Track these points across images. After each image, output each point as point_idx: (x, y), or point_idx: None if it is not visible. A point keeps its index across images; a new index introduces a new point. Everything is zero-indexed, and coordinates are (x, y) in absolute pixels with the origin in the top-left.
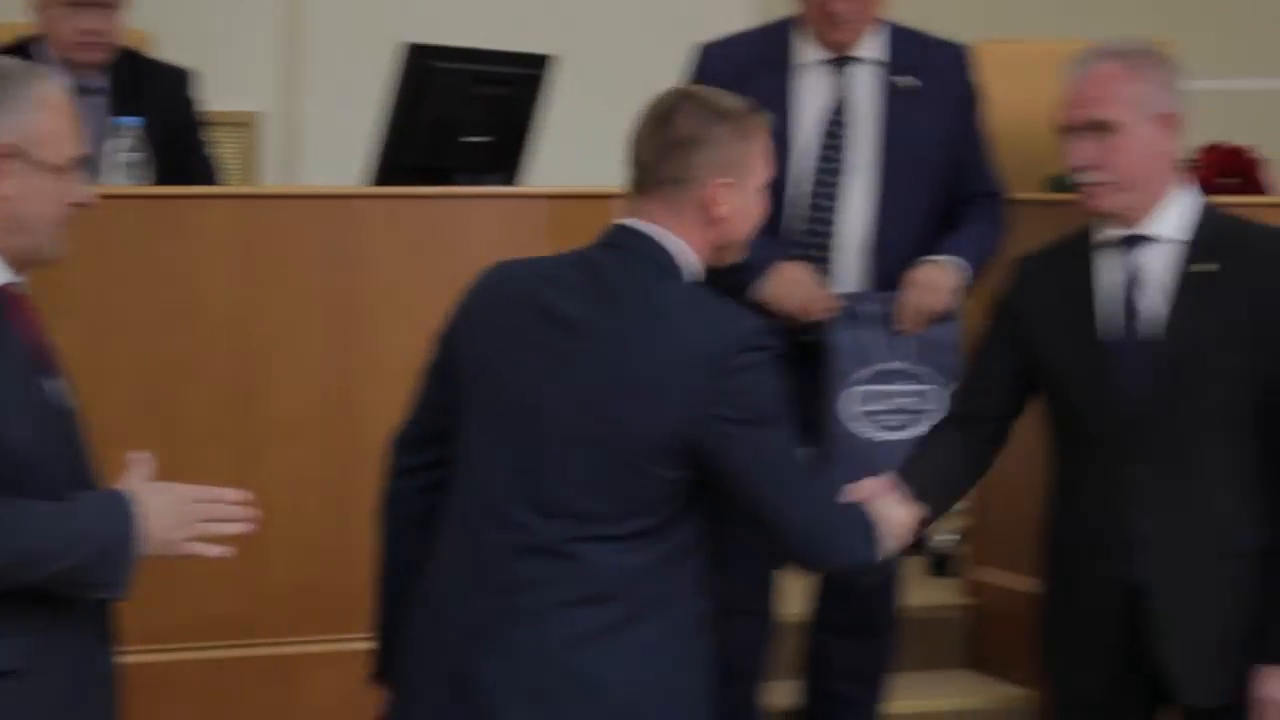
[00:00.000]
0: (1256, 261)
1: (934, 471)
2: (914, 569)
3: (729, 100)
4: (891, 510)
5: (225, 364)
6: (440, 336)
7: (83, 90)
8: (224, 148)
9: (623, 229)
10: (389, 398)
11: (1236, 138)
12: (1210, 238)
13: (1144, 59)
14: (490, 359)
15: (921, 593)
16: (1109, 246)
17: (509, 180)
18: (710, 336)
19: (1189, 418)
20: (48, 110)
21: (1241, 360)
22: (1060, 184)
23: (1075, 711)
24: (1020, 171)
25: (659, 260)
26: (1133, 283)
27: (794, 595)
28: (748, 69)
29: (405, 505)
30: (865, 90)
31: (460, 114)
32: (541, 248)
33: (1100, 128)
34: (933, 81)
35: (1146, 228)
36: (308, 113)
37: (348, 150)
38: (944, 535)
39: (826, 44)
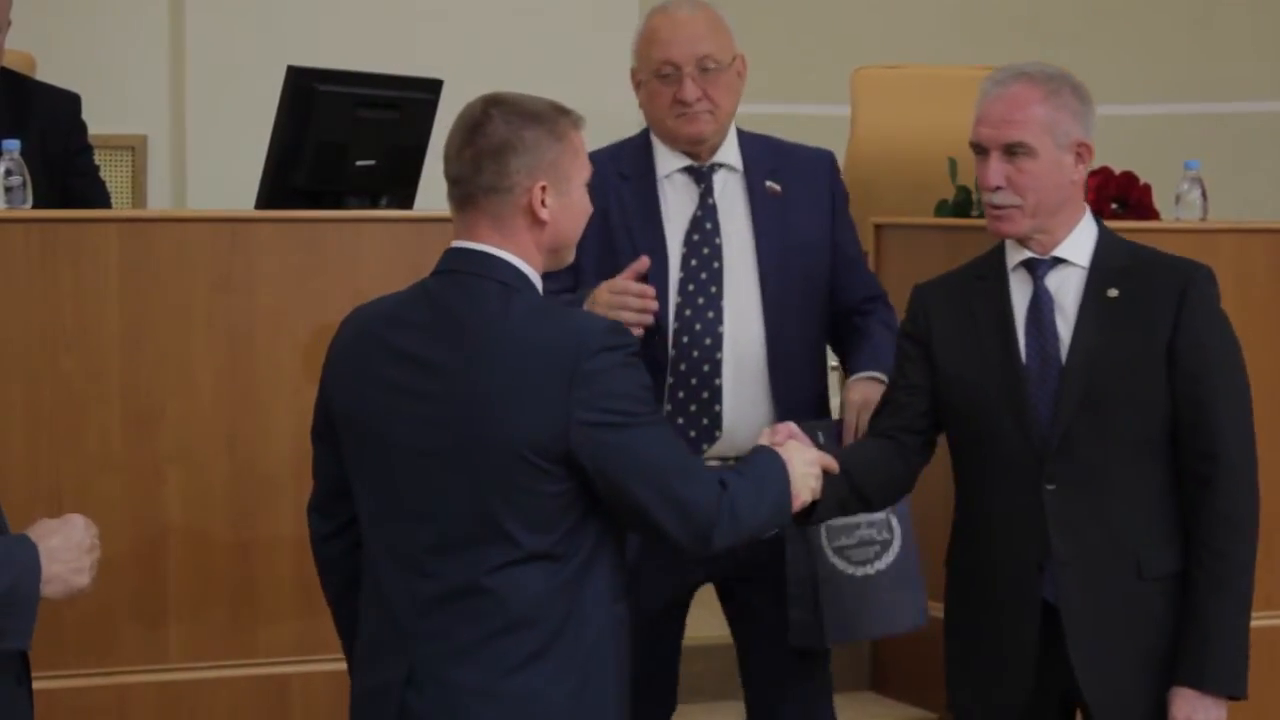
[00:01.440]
0: (1159, 288)
1: (861, 460)
2: None
3: (537, 103)
4: (800, 456)
5: (117, 389)
6: (318, 393)
7: None
8: (111, 171)
9: (455, 252)
10: (281, 421)
11: (1119, 163)
12: (1112, 263)
13: (1062, 85)
14: (354, 409)
15: None
16: (1019, 270)
17: (402, 204)
18: (562, 341)
19: (1100, 441)
20: None
21: (1148, 385)
22: (948, 209)
23: None
24: (910, 197)
25: (499, 278)
26: (1044, 307)
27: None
28: (609, 183)
29: (336, 569)
30: (731, 196)
31: (348, 137)
32: None
33: (1015, 150)
34: (798, 186)
35: (1057, 252)
36: (195, 136)
37: (236, 173)
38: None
39: (683, 144)
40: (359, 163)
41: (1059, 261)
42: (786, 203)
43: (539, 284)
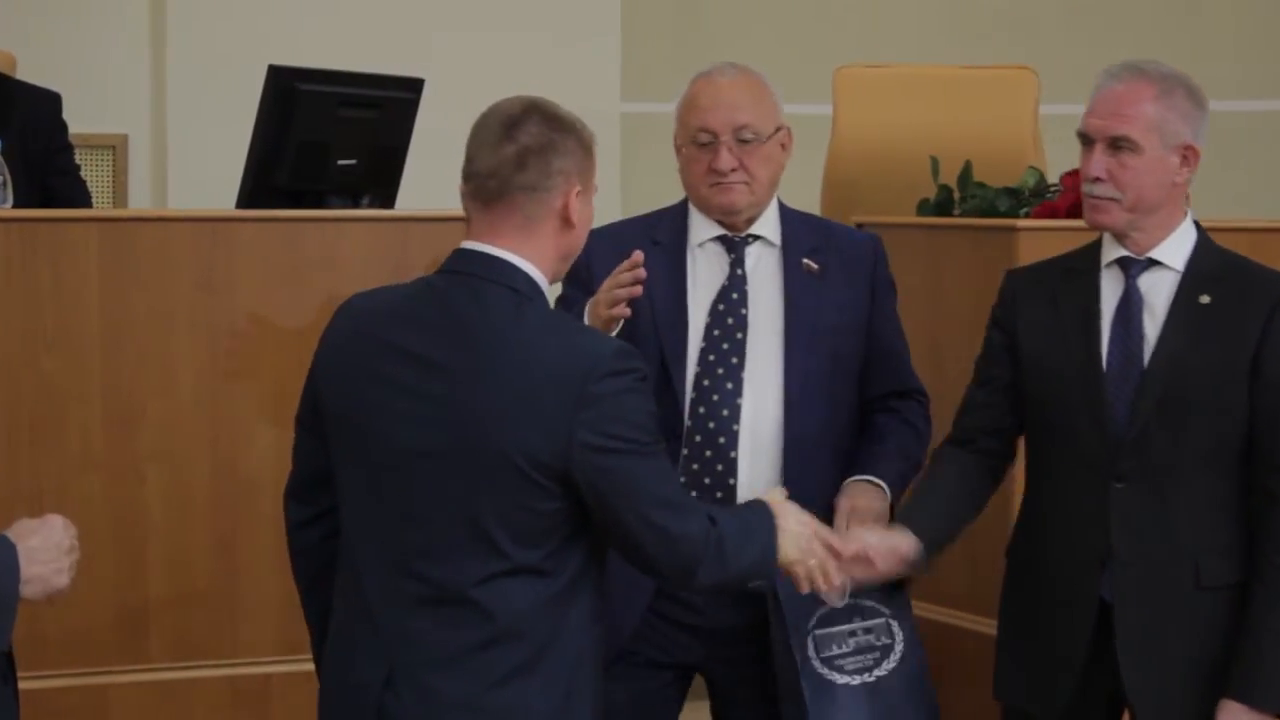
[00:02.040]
0: (1251, 299)
1: (934, 505)
2: None
3: (566, 111)
4: (794, 515)
5: (98, 388)
6: (307, 379)
7: None
8: (92, 171)
9: (468, 254)
10: (262, 421)
11: None
12: (1207, 270)
13: (1176, 86)
14: (347, 404)
15: None
16: (1112, 268)
17: (384, 203)
18: (571, 361)
19: (1174, 446)
20: None
21: (1230, 395)
22: (930, 208)
23: None
24: (892, 196)
25: (511, 284)
26: (1134, 307)
27: None
28: (643, 250)
29: (311, 557)
30: (764, 269)
31: (329, 137)
32: (414, 271)
33: (1120, 144)
34: (838, 267)
35: (1153, 253)
36: (175, 135)
37: (217, 173)
38: None
39: (716, 213)
40: (340, 162)
41: (1154, 263)
42: (824, 283)
43: (548, 293)
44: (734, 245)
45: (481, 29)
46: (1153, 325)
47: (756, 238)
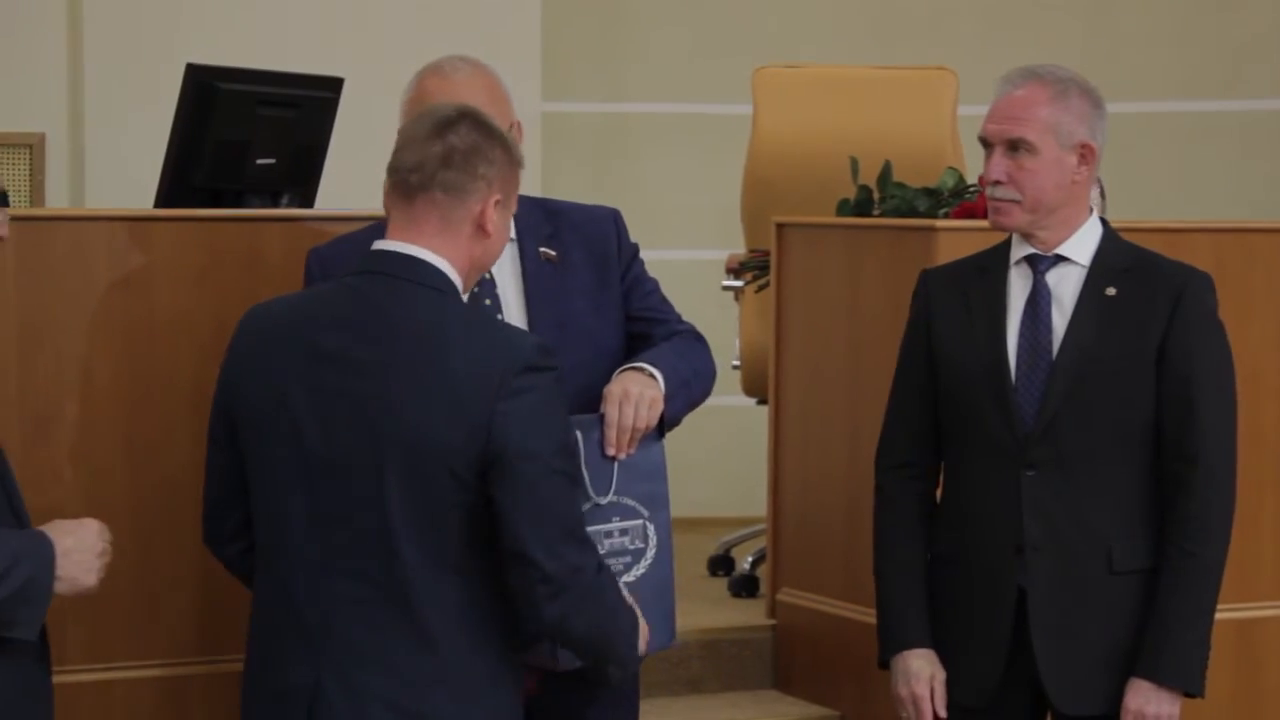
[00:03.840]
0: (1156, 290)
1: (919, 611)
2: (719, 590)
3: (499, 126)
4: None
5: (15, 389)
6: (216, 394)
7: None
8: (9, 170)
9: (386, 254)
10: (180, 421)
11: None
12: (1113, 263)
13: (1071, 88)
14: (265, 408)
15: (727, 614)
16: (1021, 265)
17: (303, 202)
18: (491, 355)
19: (1083, 435)
20: None
21: (1136, 384)
22: (849, 208)
23: (965, 716)
24: (811, 196)
25: (433, 283)
26: (1042, 301)
27: None
28: None
29: (244, 569)
30: (505, 265)
31: (248, 135)
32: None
33: (1018, 147)
34: (576, 248)
35: (1060, 249)
36: (93, 134)
37: (135, 172)
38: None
39: None
40: (259, 161)
41: (1061, 259)
42: (564, 270)
43: (464, 295)
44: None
45: (401, 28)
46: (1061, 318)
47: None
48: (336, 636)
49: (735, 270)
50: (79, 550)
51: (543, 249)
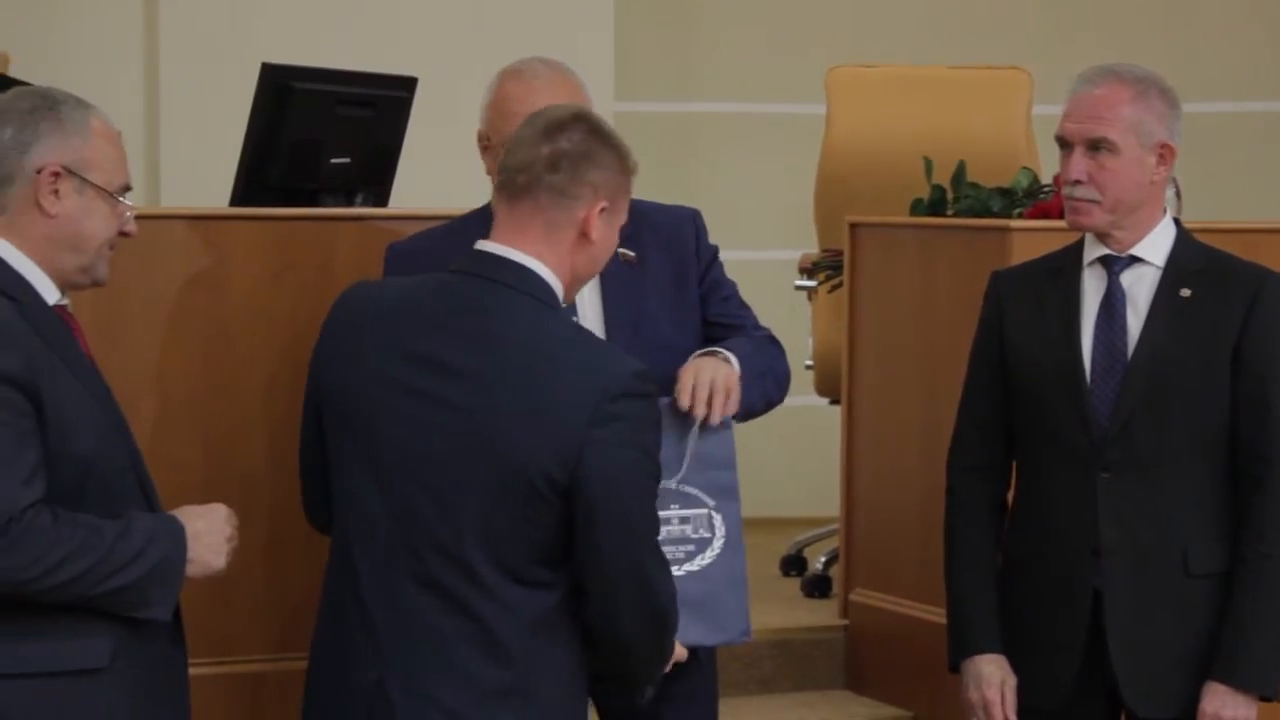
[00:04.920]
0: (1231, 291)
1: (996, 603)
2: (792, 590)
3: (616, 133)
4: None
5: None
6: (308, 379)
7: None
8: None
9: (489, 257)
10: (256, 418)
11: None
12: (1188, 264)
13: (1150, 87)
14: (353, 402)
15: (799, 614)
16: (1095, 266)
17: (376, 201)
18: (590, 376)
19: (1159, 437)
20: (100, 138)
21: (1212, 385)
22: (923, 208)
23: (1038, 717)
24: (885, 196)
25: (535, 293)
26: (1117, 303)
27: None
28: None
29: None
30: None
31: (323, 135)
32: None
33: (1099, 146)
34: (656, 250)
35: (1134, 250)
36: (169, 133)
37: (210, 171)
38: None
39: None
40: (334, 160)
41: (1135, 260)
42: (644, 270)
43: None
44: None
45: (474, 27)
46: (1136, 320)
47: None
48: (402, 639)
49: (808, 270)
50: (208, 533)
51: (621, 250)
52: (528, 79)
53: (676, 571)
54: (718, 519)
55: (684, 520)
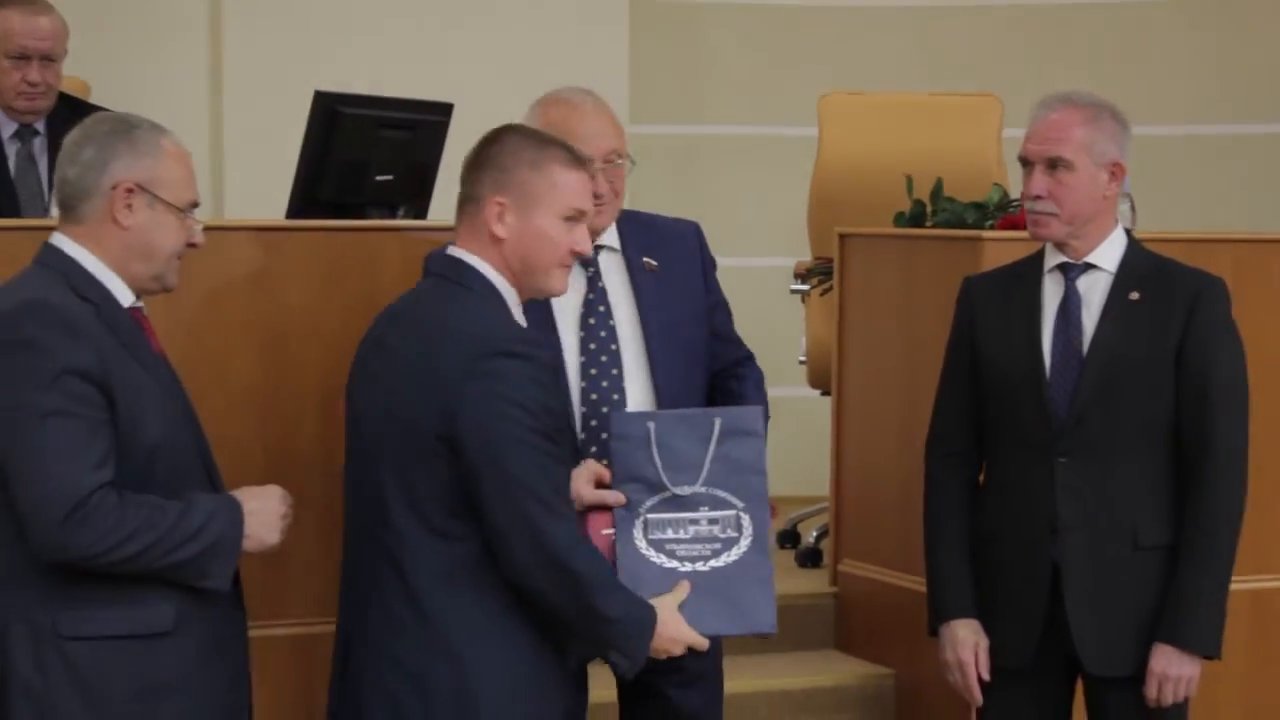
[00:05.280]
0: (1175, 294)
1: (970, 573)
2: (788, 561)
3: (545, 136)
4: (672, 621)
5: None
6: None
7: (23, 135)
8: None
9: (443, 257)
10: (309, 410)
11: None
12: (1137, 270)
13: (1103, 112)
14: (351, 378)
15: (794, 582)
16: (1054, 272)
17: (417, 214)
18: (474, 341)
19: (1110, 425)
20: (170, 159)
21: (1158, 379)
22: (904, 220)
23: (1003, 679)
24: (871, 210)
25: (464, 280)
26: (1073, 305)
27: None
28: None
29: None
30: (614, 277)
31: (369, 155)
32: None
33: (1056, 164)
34: (672, 259)
35: (1089, 258)
36: (231, 154)
37: (268, 187)
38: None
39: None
40: (378, 178)
41: (1090, 266)
42: (664, 278)
43: (511, 302)
44: (587, 261)
45: (505, 61)
46: (1090, 320)
47: (602, 246)
48: (358, 592)
49: (802, 275)
50: (264, 511)
51: (646, 259)
52: (576, 104)
53: (702, 567)
54: (745, 519)
55: (713, 521)
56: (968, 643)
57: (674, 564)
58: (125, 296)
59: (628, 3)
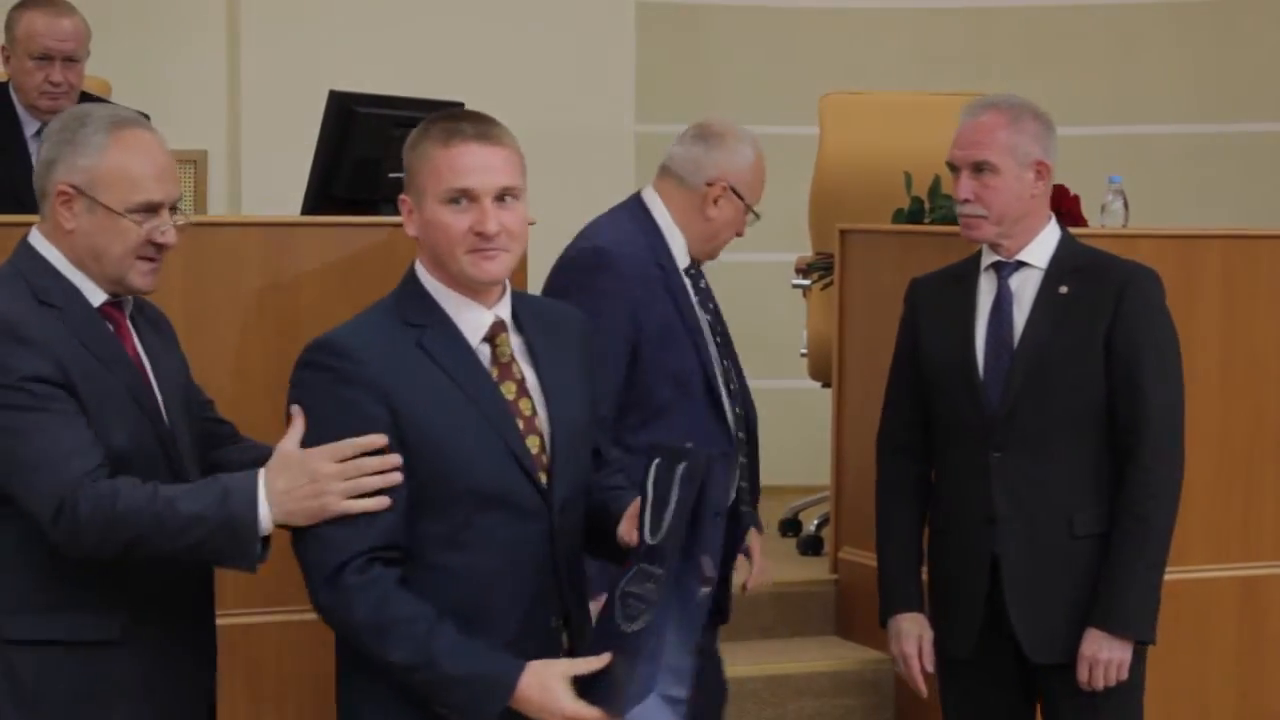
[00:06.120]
0: (1103, 285)
1: (911, 576)
2: (789, 549)
3: (448, 125)
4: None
5: None
6: None
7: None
8: None
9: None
10: None
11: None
12: (1067, 264)
13: (1024, 113)
14: None
15: (795, 569)
16: (989, 271)
17: None
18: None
19: (1043, 418)
20: (118, 158)
21: (1087, 369)
22: (903, 216)
23: (956, 668)
24: (871, 206)
25: (402, 286)
26: (1005, 302)
27: None
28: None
29: None
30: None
31: (382, 153)
32: None
33: (982, 168)
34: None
35: (1021, 255)
36: (248, 151)
37: (284, 184)
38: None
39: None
40: (391, 175)
41: (1022, 264)
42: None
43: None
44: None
45: (512, 60)
46: (1021, 316)
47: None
48: None
49: (803, 270)
50: (293, 488)
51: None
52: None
53: (635, 626)
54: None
55: (655, 577)
56: (911, 635)
57: (635, 626)
58: (96, 295)
59: (634, 4)
